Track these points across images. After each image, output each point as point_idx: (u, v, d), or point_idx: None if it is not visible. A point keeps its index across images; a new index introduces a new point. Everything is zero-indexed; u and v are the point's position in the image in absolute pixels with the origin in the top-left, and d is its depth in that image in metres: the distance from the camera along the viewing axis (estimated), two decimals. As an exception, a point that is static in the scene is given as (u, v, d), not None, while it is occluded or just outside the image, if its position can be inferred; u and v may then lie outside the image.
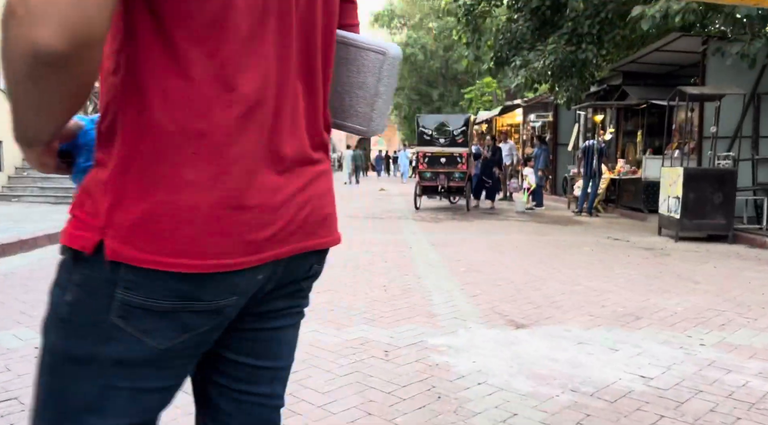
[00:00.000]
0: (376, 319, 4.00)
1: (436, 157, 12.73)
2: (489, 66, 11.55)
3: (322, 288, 4.92)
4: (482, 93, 33.30)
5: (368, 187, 23.28)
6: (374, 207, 13.79)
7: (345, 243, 6.76)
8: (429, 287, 5.03)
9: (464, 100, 34.70)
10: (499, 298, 4.64)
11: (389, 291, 4.87)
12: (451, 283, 5.19)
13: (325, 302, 4.46)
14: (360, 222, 10.38)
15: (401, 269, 5.86)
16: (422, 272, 5.71)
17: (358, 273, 5.64)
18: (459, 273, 5.64)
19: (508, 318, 4.04)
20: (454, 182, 12.76)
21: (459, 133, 12.68)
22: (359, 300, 4.54)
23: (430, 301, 4.51)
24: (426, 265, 6.07)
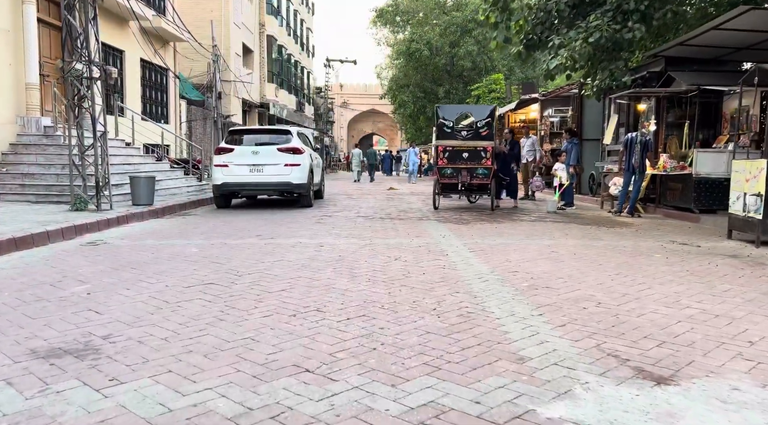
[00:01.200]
0: (442, 368, 2.76)
1: (457, 152, 11.50)
2: (518, 50, 10.33)
3: (353, 311, 3.68)
4: (490, 89, 32.11)
5: (376, 186, 22.06)
6: (388, 206, 12.55)
7: (367, 248, 5.46)
8: (494, 311, 3.79)
9: (471, 97, 33.43)
10: (598, 329, 3.40)
11: (444, 318, 3.64)
12: (521, 306, 3.95)
13: (362, 336, 3.23)
14: (378, 223, 9.15)
15: (448, 284, 4.63)
16: (476, 288, 4.47)
17: (393, 290, 4.41)
18: (524, 290, 4.40)
19: (635, 366, 2.81)
20: (477, 179, 11.53)
21: (483, 125, 11.46)
22: (408, 334, 3.30)
23: (507, 335, 3.28)
24: (477, 279, 4.84)
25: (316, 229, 8.41)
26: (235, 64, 27.48)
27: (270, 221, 9.57)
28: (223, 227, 8.68)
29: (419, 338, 3.22)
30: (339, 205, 13.01)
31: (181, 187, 14.78)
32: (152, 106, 19.91)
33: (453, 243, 7.00)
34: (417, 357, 2.90)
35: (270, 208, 11.98)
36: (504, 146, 12.72)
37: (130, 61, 17.71)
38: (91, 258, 5.95)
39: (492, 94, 31.89)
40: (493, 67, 35.25)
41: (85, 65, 9.07)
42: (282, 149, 11.79)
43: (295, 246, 6.76)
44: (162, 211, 10.62)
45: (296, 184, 11.78)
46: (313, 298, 4.17)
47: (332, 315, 3.71)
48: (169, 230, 8.34)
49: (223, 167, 11.72)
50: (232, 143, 12.01)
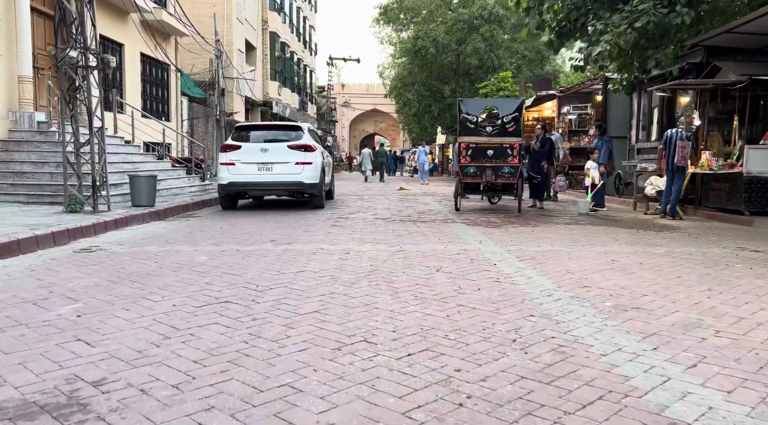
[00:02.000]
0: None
1: (482, 149, 10.70)
2: (550, 38, 9.53)
3: (411, 343, 2.87)
4: (498, 88, 31.32)
5: (385, 187, 21.25)
6: (405, 208, 11.75)
7: (400, 257, 4.17)
8: (592, 343, 2.99)
9: (479, 96, 32.63)
10: (746, 373, 2.60)
11: (532, 353, 2.84)
12: (621, 335, 3.15)
13: (436, 382, 2.43)
14: (401, 226, 8.35)
15: (513, 304, 3.83)
16: (551, 310, 3.67)
17: (451, 311, 3.61)
18: (611, 312, 3.61)
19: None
20: (503, 178, 10.73)
21: (510, 121, 10.66)
22: (496, 380, 2.50)
23: (629, 382, 2.48)
24: (546, 297, 4.03)
25: (335, 233, 7.60)
26: (238, 60, 26.69)
27: (282, 224, 8.77)
28: (233, 231, 7.88)
29: (514, 387, 2.42)
30: (352, 206, 12.21)
31: (183, 187, 13.97)
32: (153, 103, 19.11)
33: (494, 250, 6.19)
34: (526, 422, 2.10)
35: (279, 209, 11.18)
36: (535, 143, 11.92)
37: (130, 55, 16.91)
38: (85, 268, 5.15)
39: (500, 92, 31.12)
40: (501, 65, 34.46)
41: (80, 53, 8.27)
42: (293, 146, 10.99)
43: (316, 253, 5.96)
44: (164, 212, 9.82)
45: (308, 184, 10.98)
46: (355, 323, 3.37)
47: (386, 348, 2.91)
48: (173, 234, 7.54)
49: (230, 165, 10.91)
50: (239, 140, 11.21)
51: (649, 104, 12.69)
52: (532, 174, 11.77)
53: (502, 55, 34.84)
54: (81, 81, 8.30)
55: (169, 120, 19.86)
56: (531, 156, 11.80)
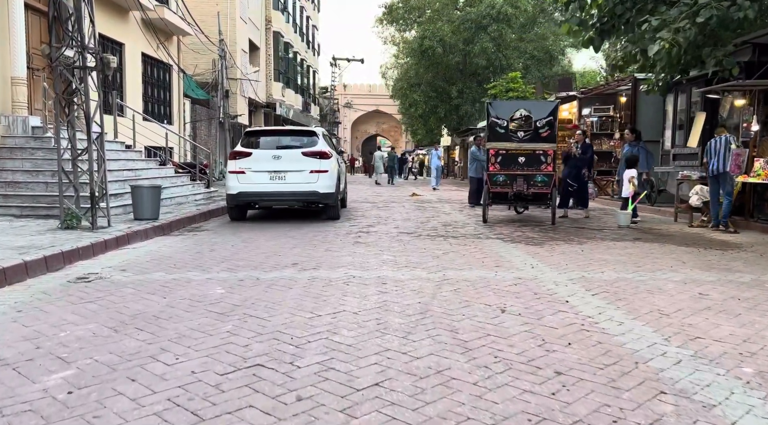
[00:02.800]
0: None
1: (512, 156, 9.89)
2: (590, 35, 8.72)
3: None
4: (507, 88, 30.51)
5: (396, 192, 20.43)
6: (427, 218, 10.92)
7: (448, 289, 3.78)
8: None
9: (487, 97, 31.82)
10: None
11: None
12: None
13: None
14: (431, 243, 7.52)
15: (625, 369, 3.01)
16: (683, 382, 2.85)
17: (555, 387, 2.78)
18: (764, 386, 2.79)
19: None
20: (535, 188, 9.91)
21: (544, 125, 9.84)
22: None
23: None
24: (661, 357, 3.21)
25: (361, 253, 6.78)
26: (242, 61, 25.88)
27: (299, 240, 7.95)
28: (247, 250, 7.06)
29: None
30: (369, 217, 11.38)
31: (187, 195, 13.15)
32: (155, 105, 18.29)
33: (554, 278, 5.37)
34: None
35: (291, 221, 10.36)
36: (576, 149, 11.10)
37: (130, 55, 16.10)
38: (81, 306, 4.33)
39: (510, 92, 30.31)
40: (509, 65, 33.68)
41: (77, 52, 7.44)
42: (307, 153, 10.17)
43: (349, 283, 5.14)
44: (169, 226, 9.00)
45: (324, 194, 10.16)
46: (434, 408, 2.55)
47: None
48: (181, 255, 6.71)
49: (239, 174, 10.09)
50: (249, 146, 10.38)
51: (688, 106, 11.87)
52: (570, 181, 10.95)
53: (510, 55, 34.05)
54: (78, 83, 7.48)
55: (172, 123, 19.05)
56: (570, 162, 11.00)
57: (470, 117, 36.30)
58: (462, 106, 35.71)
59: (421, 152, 56.88)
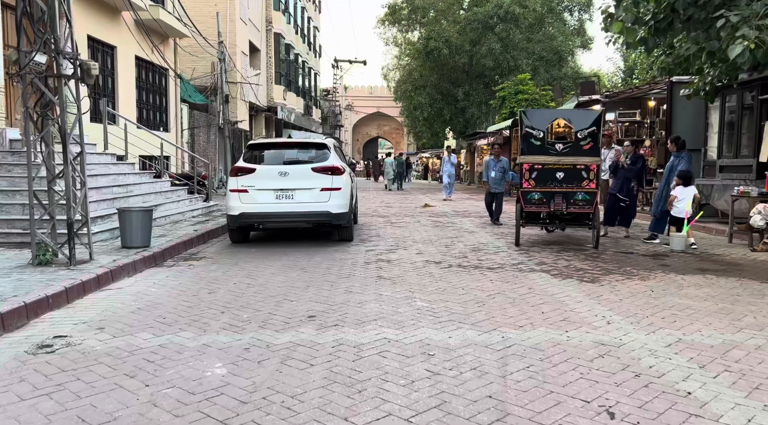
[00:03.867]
0: None
1: (550, 171, 8.76)
2: (643, 35, 7.61)
3: None
4: (516, 91, 29.40)
5: (406, 201, 19.27)
6: (452, 241, 9.77)
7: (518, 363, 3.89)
8: None
9: (495, 99, 30.74)
10: None
11: None
12: None
13: None
14: (469, 279, 6.38)
15: None
16: None
17: None
18: None
19: None
20: (576, 207, 8.78)
21: (586, 137, 8.72)
22: None
23: None
24: None
25: (389, 297, 5.65)
26: (242, 63, 24.76)
27: (312, 273, 6.82)
28: (251, 291, 5.93)
29: None
30: (385, 237, 10.25)
31: (184, 212, 12.03)
32: (150, 112, 17.18)
33: (643, 341, 4.23)
34: None
35: (299, 243, 9.22)
36: (625, 159, 9.96)
37: (123, 58, 14.98)
38: (34, 401, 3.20)
39: (519, 95, 29.22)
40: (517, 67, 32.57)
41: (51, 57, 6.31)
42: (317, 169, 9.05)
43: (385, 353, 4.01)
44: (161, 254, 7.86)
45: (337, 214, 9.03)
46: None
47: None
48: (174, 301, 5.58)
49: (241, 193, 8.97)
50: (252, 161, 9.26)
51: (739, 113, 10.74)
52: (619, 196, 9.82)
53: (518, 56, 32.92)
54: (52, 94, 6.34)
55: (168, 130, 17.94)
56: (622, 175, 9.87)
57: (477, 120, 35.19)
58: (468, 109, 34.61)
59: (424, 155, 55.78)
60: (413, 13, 37.09)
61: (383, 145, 74.03)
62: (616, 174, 9.99)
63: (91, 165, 10.85)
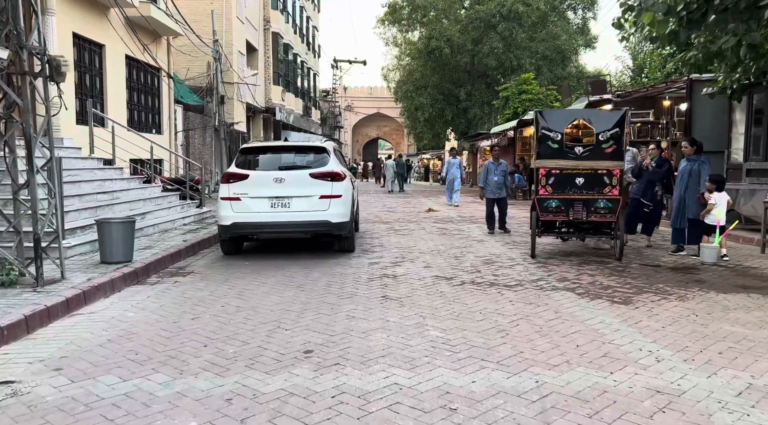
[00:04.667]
0: None
1: (569, 176, 8.05)
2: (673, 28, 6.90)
3: None
4: (520, 90, 28.71)
5: (408, 205, 18.54)
6: (461, 252, 9.06)
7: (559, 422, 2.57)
8: None
9: (498, 100, 30.05)
10: None
11: None
12: None
13: None
14: (485, 299, 5.66)
15: None
16: None
17: None
18: None
19: None
20: (597, 215, 8.07)
21: (608, 139, 8.01)
22: None
23: None
24: None
25: (397, 324, 4.94)
26: (239, 63, 24.06)
27: (309, 292, 6.11)
28: (240, 316, 5.22)
29: None
30: (389, 247, 9.54)
31: (175, 220, 11.31)
32: (142, 113, 16.47)
33: (708, 389, 3.52)
34: None
35: (296, 255, 8.51)
36: (650, 161, 9.23)
37: (112, 57, 14.27)
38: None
39: (522, 95, 28.53)
40: (520, 66, 31.86)
41: (13, 52, 5.60)
42: (316, 175, 8.33)
43: (396, 405, 3.30)
44: (145, 270, 7.15)
45: (337, 224, 8.32)
46: None
47: None
48: (151, 330, 4.87)
49: (234, 201, 8.25)
50: (245, 166, 8.54)
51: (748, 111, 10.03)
52: (643, 201, 9.10)
53: (521, 55, 32.22)
54: (16, 94, 5.63)
55: (161, 132, 17.23)
56: (647, 178, 9.15)
57: (479, 120, 34.49)
58: (470, 109, 33.91)
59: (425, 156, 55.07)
60: (414, 12, 36.35)
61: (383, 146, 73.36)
62: (639, 177, 9.27)
63: (74, 171, 10.15)
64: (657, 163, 9.30)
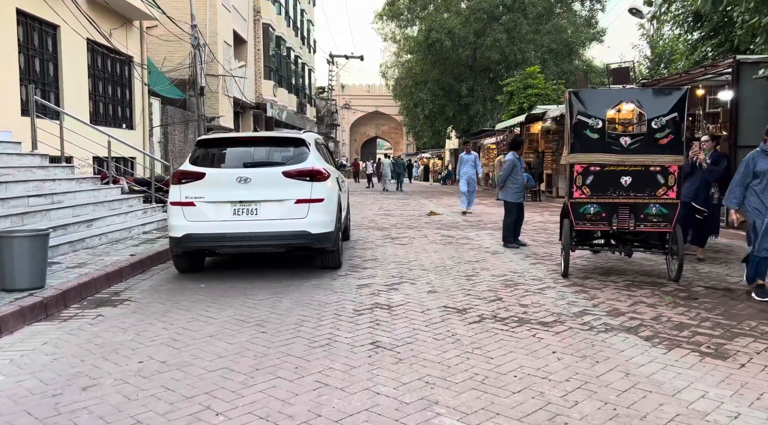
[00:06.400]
0: None
1: (612, 175, 6.30)
2: None
3: None
4: (525, 85, 26.97)
5: (408, 208, 16.76)
6: (474, 268, 7.30)
7: None
8: None
9: (503, 95, 28.29)
10: None
11: None
12: None
13: None
14: (515, 349, 3.91)
15: None
16: None
17: None
18: None
19: None
20: (648, 224, 6.33)
21: (663, 127, 6.25)
22: None
23: None
24: None
25: (389, 397, 3.21)
26: (225, 54, 22.29)
27: (272, 336, 4.37)
28: (154, 387, 3.47)
29: None
30: (384, 261, 7.79)
31: (132, 228, 9.56)
32: (109, 106, 14.69)
33: None
34: None
35: (267, 273, 6.75)
36: (704, 157, 7.51)
37: (69, 41, 12.49)
38: None
39: (528, 89, 26.79)
40: (524, 60, 30.14)
41: None
42: (291, 173, 6.58)
43: None
44: (59, 299, 5.40)
45: (318, 235, 6.58)
46: None
47: None
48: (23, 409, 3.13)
49: (186, 207, 6.51)
50: (201, 163, 6.79)
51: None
52: (695, 205, 7.38)
53: (525, 48, 30.47)
54: None
55: (133, 127, 15.48)
56: (701, 178, 7.44)
57: (482, 117, 32.73)
58: (473, 106, 32.13)
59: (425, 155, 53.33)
60: (413, 2, 34.61)
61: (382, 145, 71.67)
62: (690, 176, 7.52)
63: (5, 169, 8.43)
64: (712, 159, 7.57)
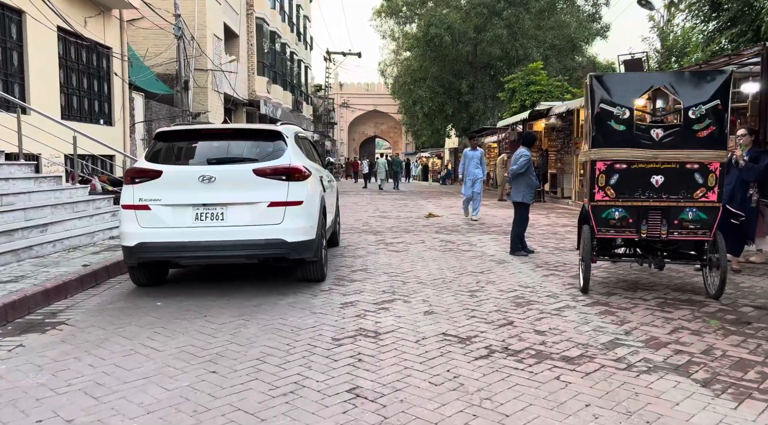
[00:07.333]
0: None
1: (641, 173, 5.32)
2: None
3: None
4: (528, 82, 26.00)
5: (405, 209, 15.77)
6: (479, 282, 6.31)
7: None
8: None
9: (504, 92, 27.31)
10: None
11: None
12: None
13: None
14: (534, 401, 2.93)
15: None
16: None
17: None
18: None
19: None
20: (683, 232, 5.34)
21: (702, 117, 5.26)
22: None
23: None
24: None
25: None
26: (214, 48, 21.29)
27: (222, 378, 3.40)
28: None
29: None
30: (375, 272, 6.81)
31: (96, 233, 8.58)
32: (84, 100, 13.70)
33: None
34: None
35: (237, 287, 5.77)
36: (741, 153, 6.53)
37: (37, 29, 11.49)
38: None
39: (531, 86, 25.83)
40: (526, 56, 29.17)
41: None
42: (264, 171, 5.60)
43: None
44: (-24, 325, 4.43)
45: (295, 244, 5.60)
46: None
47: None
48: None
49: (140, 210, 5.53)
50: (159, 159, 5.80)
51: None
52: (730, 208, 6.41)
53: (527, 44, 29.50)
54: None
55: (112, 123, 14.49)
56: (738, 178, 6.47)
57: (482, 115, 31.75)
58: (473, 103, 31.14)
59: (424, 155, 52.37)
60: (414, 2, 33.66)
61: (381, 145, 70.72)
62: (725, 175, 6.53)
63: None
64: (750, 156, 6.59)
